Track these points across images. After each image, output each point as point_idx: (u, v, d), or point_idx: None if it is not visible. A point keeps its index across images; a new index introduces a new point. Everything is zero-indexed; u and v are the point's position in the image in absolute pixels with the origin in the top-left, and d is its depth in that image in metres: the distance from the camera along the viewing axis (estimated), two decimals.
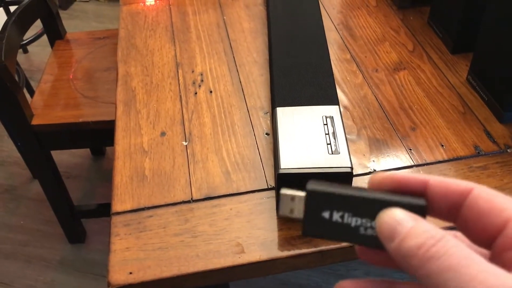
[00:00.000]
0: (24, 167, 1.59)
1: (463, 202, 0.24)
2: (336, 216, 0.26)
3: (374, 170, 0.65)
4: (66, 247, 1.43)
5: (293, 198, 0.27)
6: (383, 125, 0.71)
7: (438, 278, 0.21)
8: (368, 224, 0.26)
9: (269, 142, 0.70)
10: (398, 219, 0.24)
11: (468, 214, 0.24)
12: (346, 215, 0.26)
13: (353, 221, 0.26)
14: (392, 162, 0.66)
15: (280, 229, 0.59)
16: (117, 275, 0.55)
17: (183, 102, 0.76)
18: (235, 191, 0.63)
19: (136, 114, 0.75)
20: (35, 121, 1.16)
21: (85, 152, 1.66)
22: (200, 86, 0.79)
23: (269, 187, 0.64)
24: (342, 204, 0.26)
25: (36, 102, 1.22)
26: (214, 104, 0.76)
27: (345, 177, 0.55)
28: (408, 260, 0.22)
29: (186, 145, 0.69)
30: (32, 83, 1.68)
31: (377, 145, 0.69)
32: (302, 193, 0.27)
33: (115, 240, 0.59)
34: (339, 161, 0.56)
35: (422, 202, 0.25)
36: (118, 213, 0.61)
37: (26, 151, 1.22)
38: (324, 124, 0.61)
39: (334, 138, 0.59)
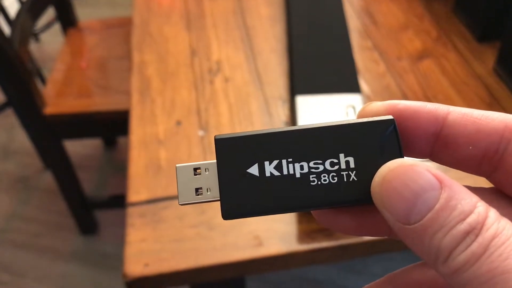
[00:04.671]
0: (36, 158, 1.58)
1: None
2: (270, 169, 0.17)
3: None
4: (78, 239, 1.43)
5: (196, 169, 0.19)
6: None
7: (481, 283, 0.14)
8: (321, 168, 0.17)
9: None
10: (420, 185, 0.15)
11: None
12: (284, 162, 0.17)
13: (297, 169, 0.17)
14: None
15: (299, 221, 0.57)
16: (133, 266, 0.53)
17: (199, 91, 0.74)
18: None
19: (151, 103, 0.73)
20: (47, 110, 1.14)
21: (97, 143, 1.65)
22: (216, 74, 0.77)
23: None
24: (274, 147, 0.17)
25: (48, 91, 1.20)
26: (230, 93, 0.73)
27: None
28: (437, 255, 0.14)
29: (202, 135, 0.67)
30: (44, 72, 1.67)
31: None
32: (210, 161, 0.19)
33: (130, 231, 0.57)
34: None
35: (387, 117, 0.18)
36: (134, 204, 0.60)
37: (38, 141, 1.21)
38: (346, 114, 0.58)
39: None
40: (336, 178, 0.17)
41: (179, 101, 0.73)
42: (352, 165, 0.17)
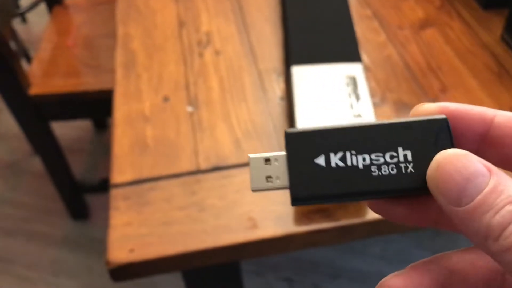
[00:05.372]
0: (24, 142, 1.53)
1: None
2: (335, 160, 0.19)
3: None
4: (69, 224, 1.39)
5: (268, 160, 0.21)
6: (410, 88, 0.64)
7: None
8: (381, 160, 0.19)
9: (283, 108, 0.63)
10: (471, 171, 0.16)
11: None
12: (348, 154, 0.19)
13: (360, 160, 0.19)
14: None
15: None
16: (117, 252, 0.49)
17: (188, 64, 0.69)
18: (246, 162, 0.57)
19: (136, 78, 0.68)
20: (33, 91, 1.10)
21: (87, 125, 1.60)
22: (206, 47, 0.72)
23: None
24: (339, 141, 0.19)
25: (34, 71, 1.15)
26: (221, 67, 0.69)
27: None
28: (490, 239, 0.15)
29: (191, 111, 0.63)
30: (32, 54, 1.61)
31: (404, 109, 0.62)
32: (280, 153, 0.21)
33: (114, 215, 0.53)
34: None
35: (441, 116, 0.19)
36: (118, 185, 0.55)
37: (25, 123, 1.16)
38: (346, 85, 0.54)
39: (357, 100, 0.52)
40: (395, 169, 0.19)
41: (166, 75, 0.68)
42: (409, 158, 0.19)
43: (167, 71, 0.68)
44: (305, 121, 0.50)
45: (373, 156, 0.19)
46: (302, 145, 0.20)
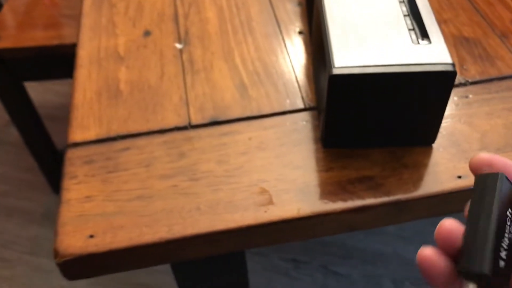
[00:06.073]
0: (2, 109, 1.38)
1: None
2: None
3: (467, 82, 0.43)
4: (50, 198, 1.24)
5: None
6: (471, 19, 0.48)
7: None
8: None
9: (303, 44, 0.47)
10: None
11: None
12: None
13: None
14: (493, 71, 0.44)
15: (328, 168, 0.37)
16: (71, 239, 0.34)
17: None
18: (255, 113, 0.41)
19: (109, 8, 0.52)
20: (2, 44, 0.94)
21: (69, 90, 1.44)
22: None
23: (307, 106, 0.42)
24: None
25: (3, 21, 0.99)
26: None
27: (444, 80, 0.33)
28: None
29: (180, 48, 0.47)
30: (2, 1, 1.44)
31: (466, 46, 0.46)
32: None
33: (69, 185, 0.37)
34: (431, 54, 0.33)
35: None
36: (77, 145, 0.40)
37: None
38: (400, 1, 0.38)
39: (419, 21, 0.36)
40: None
41: (148, 4, 0.52)
42: None
43: None
44: (343, 49, 0.34)
45: None
46: None
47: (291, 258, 1.16)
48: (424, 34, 0.35)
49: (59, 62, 1.01)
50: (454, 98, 0.41)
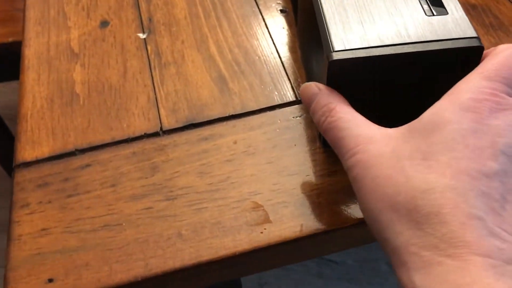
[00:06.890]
0: None
1: None
2: None
3: None
4: (6, 180, 1.16)
5: None
6: None
7: (335, 147, 0.25)
8: None
9: (286, 24, 0.41)
10: (311, 94, 0.27)
11: None
12: None
13: None
14: (509, 40, 0.38)
15: (330, 172, 0.31)
16: (24, 286, 0.27)
17: None
18: (239, 111, 0.35)
19: None
20: None
21: None
22: None
23: (299, 98, 0.35)
24: None
25: None
26: None
27: (469, 57, 0.27)
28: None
29: (144, 38, 0.40)
30: None
31: (474, 14, 0.40)
32: None
33: (20, 217, 0.30)
34: (450, 27, 0.27)
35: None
36: (28, 164, 0.33)
37: None
38: None
39: None
40: None
41: None
42: None
43: None
44: (342, 29, 0.27)
45: None
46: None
47: None
48: (437, 2, 0.28)
49: (11, 61, 0.93)
50: None
